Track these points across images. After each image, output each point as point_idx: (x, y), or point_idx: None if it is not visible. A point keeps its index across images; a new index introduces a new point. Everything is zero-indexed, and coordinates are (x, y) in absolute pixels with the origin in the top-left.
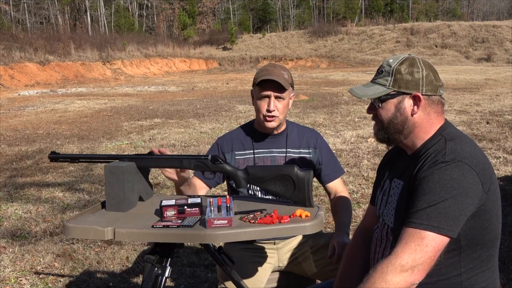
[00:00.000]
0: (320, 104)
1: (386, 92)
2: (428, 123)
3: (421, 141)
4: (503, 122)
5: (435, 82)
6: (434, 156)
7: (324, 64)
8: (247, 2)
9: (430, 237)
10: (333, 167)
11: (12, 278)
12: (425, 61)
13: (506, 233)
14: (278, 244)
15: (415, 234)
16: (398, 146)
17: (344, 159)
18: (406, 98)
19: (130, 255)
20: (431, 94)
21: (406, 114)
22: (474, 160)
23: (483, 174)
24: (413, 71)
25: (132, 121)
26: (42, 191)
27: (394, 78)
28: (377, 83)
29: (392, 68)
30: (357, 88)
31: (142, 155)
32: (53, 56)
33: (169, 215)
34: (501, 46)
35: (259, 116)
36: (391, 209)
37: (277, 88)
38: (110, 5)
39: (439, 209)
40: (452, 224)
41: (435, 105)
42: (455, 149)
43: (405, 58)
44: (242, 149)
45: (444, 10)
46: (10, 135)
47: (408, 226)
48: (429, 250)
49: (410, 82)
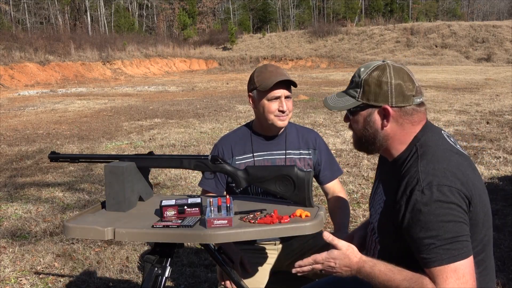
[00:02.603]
0: (320, 104)
1: (356, 105)
2: (401, 134)
3: (396, 152)
4: (503, 122)
5: (406, 92)
6: (410, 182)
7: (324, 64)
8: (247, 2)
9: (461, 266)
10: (331, 168)
11: (12, 278)
12: (397, 68)
13: (506, 233)
14: (279, 244)
15: (446, 270)
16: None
17: (344, 159)
18: (376, 111)
19: (130, 255)
20: (403, 106)
21: (376, 127)
22: (450, 177)
23: (465, 187)
24: (381, 82)
25: (132, 121)
26: (42, 191)
27: (363, 90)
28: (348, 94)
29: (361, 79)
30: (330, 99)
31: (142, 155)
32: (53, 56)
33: (169, 215)
34: (501, 46)
35: (267, 117)
36: (375, 214)
37: (287, 87)
38: (110, 5)
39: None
40: (467, 245)
41: (408, 116)
42: (428, 170)
43: (376, 67)
44: (242, 153)
45: (444, 10)
46: (10, 135)
47: (433, 266)
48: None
49: (379, 95)
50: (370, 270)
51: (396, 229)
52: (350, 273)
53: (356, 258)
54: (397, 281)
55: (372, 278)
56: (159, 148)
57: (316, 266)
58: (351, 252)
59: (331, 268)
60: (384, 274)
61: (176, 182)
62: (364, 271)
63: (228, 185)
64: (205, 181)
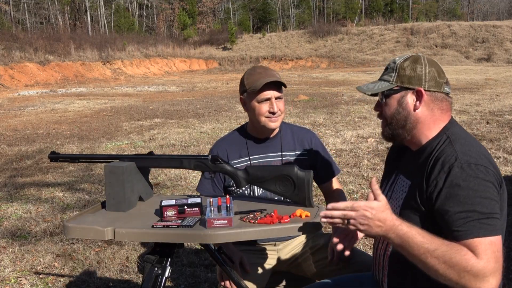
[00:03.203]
0: (320, 104)
1: (390, 87)
2: (431, 120)
3: (425, 138)
4: (503, 122)
5: (438, 79)
6: (447, 160)
7: (324, 64)
8: (247, 2)
9: (496, 240)
10: (329, 167)
11: (12, 278)
12: (430, 59)
13: (506, 233)
14: (278, 245)
15: (484, 242)
16: (403, 143)
17: (344, 159)
18: (409, 93)
19: (130, 255)
20: (435, 91)
21: (408, 109)
22: (485, 160)
23: (497, 171)
24: (416, 67)
25: (132, 121)
26: (42, 191)
27: (398, 74)
28: (383, 80)
29: (396, 64)
30: (364, 85)
31: (142, 155)
32: (53, 56)
33: (169, 215)
34: (501, 46)
35: (259, 119)
36: (395, 206)
37: (277, 88)
38: (110, 5)
39: (484, 214)
40: (499, 223)
41: (439, 102)
42: (465, 151)
43: (410, 55)
44: (237, 156)
45: (444, 10)
46: (10, 135)
47: (470, 237)
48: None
49: (413, 78)
50: (408, 229)
51: (423, 210)
52: (379, 229)
53: (392, 215)
54: (435, 244)
55: (408, 238)
56: (159, 148)
57: (349, 213)
58: (389, 208)
59: (364, 218)
60: (422, 235)
61: (176, 182)
62: (401, 229)
63: (226, 189)
64: (202, 186)
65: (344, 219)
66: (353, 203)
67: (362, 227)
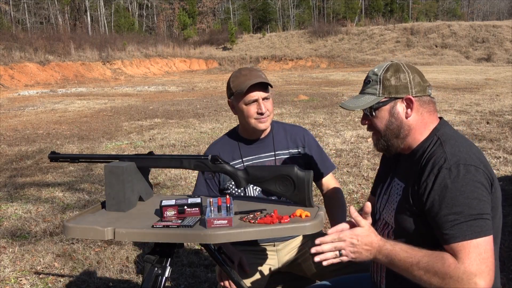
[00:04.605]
0: (320, 104)
1: (378, 100)
2: (422, 124)
3: (416, 142)
4: (503, 122)
5: (422, 83)
6: (437, 161)
7: (324, 64)
8: (247, 2)
9: (483, 242)
10: (323, 164)
11: (12, 278)
12: (409, 64)
13: (506, 233)
14: (278, 246)
15: (468, 245)
16: (396, 152)
17: (344, 159)
18: (398, 103)
19: (130, 255)
20: (421, 95)
21: (400, 118)
22: (475, 159)
23: (488, 170)
24: (399, 76)
25: (132, 121)
26: (42, 191)
27: (383, 85)
28: (367, 93)
29: (379, 76)
30: (348, 101)
31: (142, 155)
32: (53, 56)
33: (169, 215)
34: (501, 46)
35: (248, 121)
36: (391, 209)
37: (263, 89)
38: (110, 5)
39: (471, 216)
40: (489, 223)
41: (426, 105)
42: (454, 152)
43: (389, 65)
44: (231, 159)
45: (444, 10)
46: (10, 135)
47: (455, 242)
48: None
49: (399, 87)
50: (392, 248)
51: (417, 212)
52: (369, 253)
53: (377, 237)
54: (417, 257)
55: (393, 256)
56: (159, 148)
57: (339, 244)
58: (373, 231)
59: (352, 246)
60: (405, 251)
61: (176, 182)
62: (385, 249)
63: (222, 192)
64: (197, 191)
65: (336, 251)
66: (339, 234)
67: (353, 254)
